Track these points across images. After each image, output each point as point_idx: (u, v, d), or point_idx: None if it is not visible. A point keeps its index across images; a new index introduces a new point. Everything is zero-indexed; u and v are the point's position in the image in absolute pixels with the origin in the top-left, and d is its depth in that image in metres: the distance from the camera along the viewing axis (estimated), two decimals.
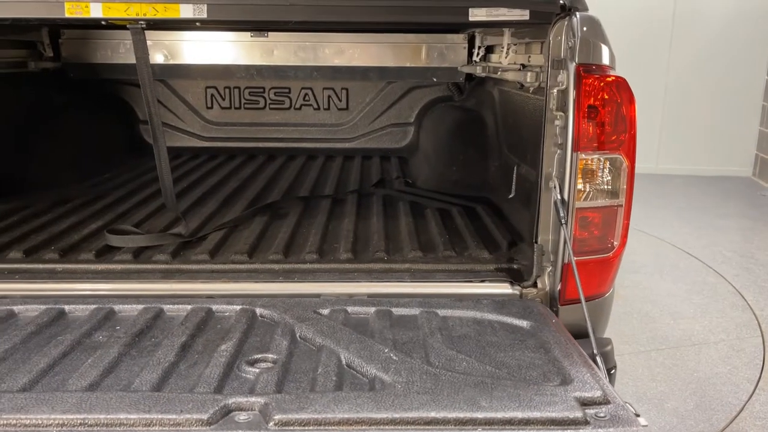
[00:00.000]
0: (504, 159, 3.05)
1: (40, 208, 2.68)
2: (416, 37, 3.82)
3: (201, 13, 1.79)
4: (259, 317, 1.64)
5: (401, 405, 1.17)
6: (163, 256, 2.12)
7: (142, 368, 1.35)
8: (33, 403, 1.17)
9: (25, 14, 1.81)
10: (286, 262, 2.11)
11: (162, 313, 1.65)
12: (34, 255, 2.12)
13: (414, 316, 1.64)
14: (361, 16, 1.79)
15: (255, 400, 1.20)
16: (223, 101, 4.19)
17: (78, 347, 1.45)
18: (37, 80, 3.56)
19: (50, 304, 1.67)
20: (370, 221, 2.59)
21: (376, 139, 4.27)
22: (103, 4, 1.78)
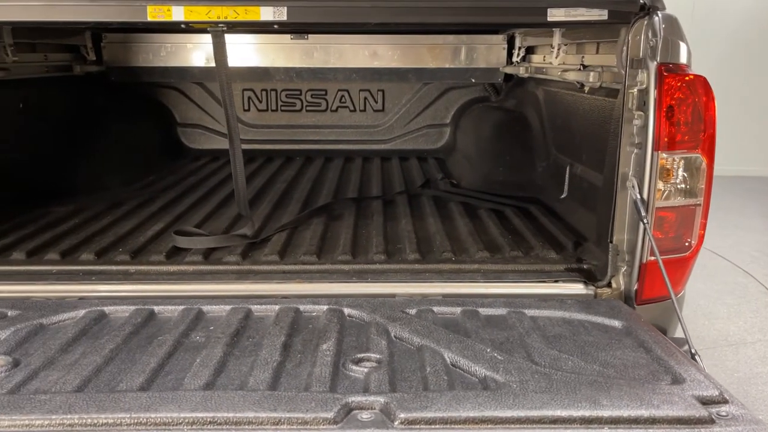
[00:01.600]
0: (552, 159, 3.05)
1: (98, 211, 2.70)
2: (455, 38, 3.83)
3: (281, 16, 1.80)
4: (348, 317, 1.65)
5: (524, 404, 1.17)
6: (233, 257, 2.14)
7: (251, 368, 1.36)
8: (159, 402, 1.18)
9: (108, 18, 1.82)
10: (355, 263, 2.11)
11: (251, 313, 1.66)
12: (106, 257, 2.14)
13: (502, 316, 1.65)
14: (441, 17, 1.80)
15: (374, 399, 1.20)
16: (259, 103, 4.21)
17: (180, 347, 1.46)
18: (82, 84, 3.59)
19: (139, 305, 1.68)
20: (426, 222, 2.59)
21: (411, 140, 4.29)
22: (185, 7, 1.79)
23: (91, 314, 1.63)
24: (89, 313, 1.64)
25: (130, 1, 1.79)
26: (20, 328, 1.54)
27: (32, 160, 2.93)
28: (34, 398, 1.20)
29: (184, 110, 4.19)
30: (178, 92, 4.17)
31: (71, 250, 2.19)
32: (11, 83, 2.83)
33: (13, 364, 1.37)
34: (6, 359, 1.38)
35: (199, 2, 1.78)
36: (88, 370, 1.33)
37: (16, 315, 1.62)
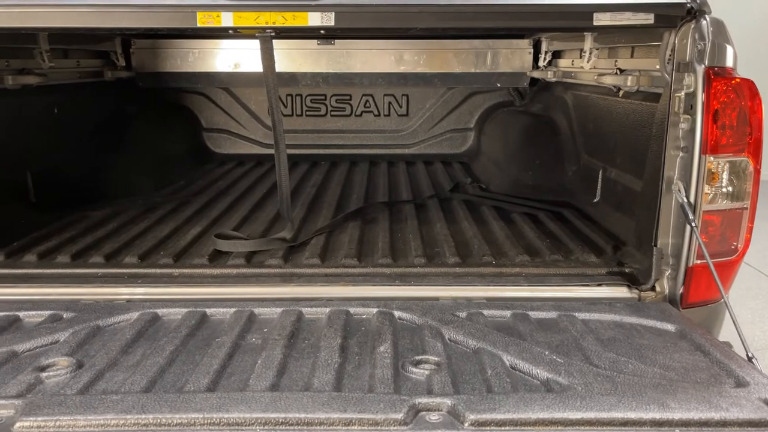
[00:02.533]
0: (583, 163, 3.05)
1: (135, 215, 2.73)
2: (481, 42, 3.85)
3: (329, 21, 1.82)
4: (398, 320, 1.66)
5: (592, 405, 1.18)
6: (275, 260, 2.15)
7: (313, 369, 1.37)
8: (230, 403, 1.19)
9: (159, 24, 1.85)
10: (396, 266, 2.12)
11: (302, 315, 1.67)
12: (149, 260, 2.16)
13: (553, 319, 1.65)
14: (487, 21, 1.81)
15: (441, 401, 1.21)
16: (285, 108, 4.23)
17: (238, 349, 1.48)
18: (112, 89, 3.63)
19: (190, 308, 1.70)
20: (461, 225, 2.60)
21: (435, 145, 4.30)
22: (234, 13, 1.81)
23: (144, 316, 1.65)
24: (143, 315, 1.66)
25: (180, 8, 1.82)
26: (78, 329, 1.56)
27: (67, 165, 2.97)
28: (106, 398, 1.21)
29: (209, 115, 4.22)
30: (203, 97, 4.21)
31: (114, 253, 2.21)
32: (47, 89, 2.87)
33: (77, 365, 1.39)
34: (70, 360, 1.40)
35: (247, 8, 1.81)
36: (152, 371, 1.35)
37: (72, 317, 1.64)
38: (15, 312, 1.67)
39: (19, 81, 2.66)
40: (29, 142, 2.75)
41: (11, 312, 1.67)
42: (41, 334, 1.52)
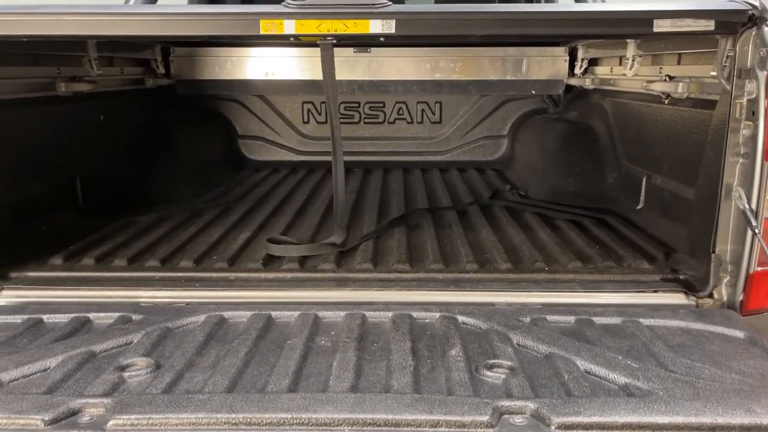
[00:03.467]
0: (624, 170, 3.05)
1: (181, 220, 2.77)
2: (516, 50, 3.86)
3: (389, 29, 1.84)
4: (462, 324, 1.67)
5: (677, 411, 1.18)
6: (328, 265, 2.17)
7: (389, 371, 1.38)
8: (316, 403, 1.21)
9: (223, 31, 1.89)
10: (448, 272, 2.14)
11: (366, 319, 1.69)
12: (204, 264, 2.19)
13: (618, 325, 1.65)
14: (549, 28, 1.83)
15: (524, 404, 1.22)
16: (319, 116, 4.28)
17: (311, 351, 1.49)
18: (152, 96, 3.69)
19: (255, 311, 1.72)
20: (507, 232, 2.61)
21: (468, 152, 4.31)
22: (297, 21, 1.84)
23: (211, 319, 1.67)
24: (209, 317, 1.68)
25: (244, 16, 1.85)
26: (150, 331, 1.58)
27: (111, 171, 3.01)
28: (193, 398, 1.23)
29: (244, 122, 4.27)
30: (239, 105, 4.26)
31: (169, 257, 2.25)
32: (94, 96, 2.92)
33: (155, 365, 1.41)
34: (148, 361, 1.42)
35: (310, 16, 1.83)
36: (231, 372, 1.37)
37: (141, 319, 1.67)
38: (85, 313, 1.70)
39: (71, 88, 2.72)
40: (78, 148, 2.80)
41: (81, 313, 1.70)
42: (115, 335, 1.55)
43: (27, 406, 1.20)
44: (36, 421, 1.16)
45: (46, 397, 1.25)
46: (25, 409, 1.18)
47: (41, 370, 1.39)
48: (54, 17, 1.82)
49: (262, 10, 1.85)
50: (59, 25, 1.83)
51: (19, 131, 2.35)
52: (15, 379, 1.35)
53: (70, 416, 1.20)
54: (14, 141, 2.28)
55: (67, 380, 1.35)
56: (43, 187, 2.54)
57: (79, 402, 1.22)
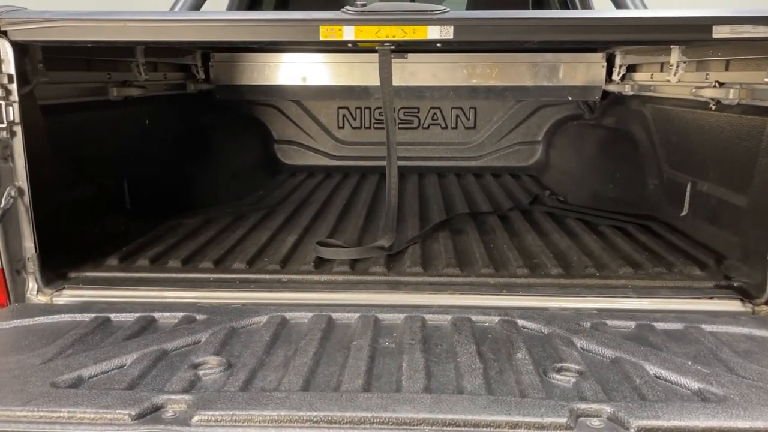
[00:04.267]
0: (666, 176, 3.03)
1: (227, 223, 2.81)
2: (553, 56, 3.86)
3: (447, 35, 1.86)
4: (523, 328, 1.67)
5: (757, 416, 1.18)
6: (379, 268, 2.19)
7: (459, 373, 1.40)
8: (395, 403, 1.23)
9: (283, 38, 1.92)
10: (499, 276, 2.14)
11: (426, 322, 1.70)
12: (256, 266, 2.23)
13: (680, 330, 1.65)
14: (606, 35, 1.83)
15: (600, 407, 1.23)
16: (354, 121, 4.31)
17: (377, 353, 1.51)
18: (193, 101, 3.75)
19: (315, 312, 1.74)
20: (552, 237, 2.61)
21: (503, 158, 4.32)
22: (356, 27, 1.87)
23: (274, 319, 1.70)
24: (272, 318, 1.71)
25: (304, 22, 1.88)
26: (216, 331, 1.61)
27: (155, 174, 3.07)
28: (273, 396, 1.26)
29: (280, 127, 4.32)
30: (275, 110, 4.31)
31: (221, 259, 2.28)
32: (140, 100, 2.98)
33: (227, 364, 1.44)
34: (219, 360, 1.45)
35: (369, 22, 1.86)
36: (304, 371, 1.39)
37: (205, 319, 1.70)
38: (150, 313, 1.74)
39: (122, 93, 2.78)
40: (125, 151, 2.86)
41: (146, 313, 1.74)
42: (183, 335, 1.58)
43: (113, 401, 1.23)
44: (123, 416, 1.19)
45: (129, 393, 1.28)
46: (111, 404, 1.22)
47: (118, 367, 1.42)
48: (122, 24, 1.87)
49: (322, 16, 1.89)
50: (127, 32, 1.88)
51: (74, 135, 2.41)
52: (94, 375, 1.38)
53: (153, 412, 1.23)
54: (71, 144, 2.33)
55: (144, 377, 1.38)
56: (95, 189, 2.60)
57: (161, 398, 1.25)
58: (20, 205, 1.97)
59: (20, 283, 1.98)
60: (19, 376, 1.34)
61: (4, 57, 1.89)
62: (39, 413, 1.20)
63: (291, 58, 3.94)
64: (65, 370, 1.37)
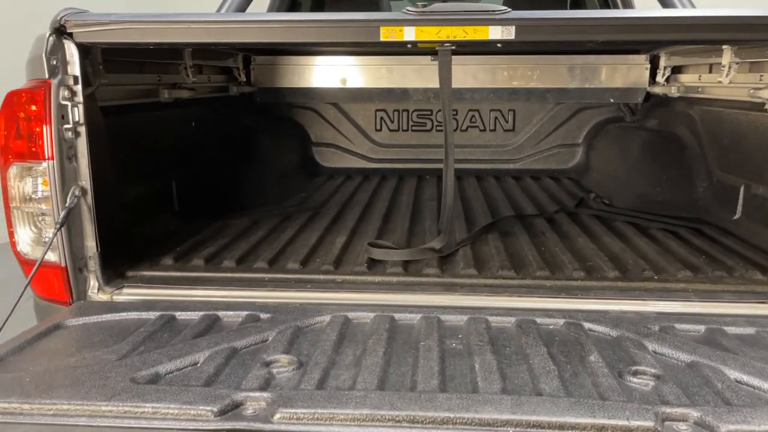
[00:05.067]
0: (716, 179, 2.98)
1: (275, 224, 2.82)
2: (596, 58, 3.82)
3: (509, 35, 1.85)
4: (589, 331, 1.65)
5: None
6: (432, 269, 2.18)
7: (533, 375, 1.38)
8: (475, 404, 1.22)
9: (344, 38, 1.93)
10: (555, 279, 2.12)
11: (490, 323, 1.69)
12: (310, 266, 2.23)
13: (752, 335, 1.62)
14: (675, 34, 1.81)
15: (685, 411, 1.20)
16: (391, 123, 4.32)
17: (446, 353, 1.50)
18: (235, 104, 3.78)
19: (377, 312, 1.74)
20: (603, 240, 2.58)
21: (542, 160, 4.28)
22: (417, 27, 1.87)
23: (337, 319, 1.70)
24: (335, 318, 1.71)
25: (365, 23, 1.89)
26: (282, 329, 1.62)
27: (201, 176, 3.10)
28: (352, 394, 1.26)
29: (318, 130, 4.34)
30: (313, 112, 4.33)
31: (274, 259, 2.30)
32: (187, 102, 3.02)
33: (298, 363, 1.44)
34: (290, 358, 1.46)
35: (430, 23, 1.86)
36: (376, 371, 1.39)
37: (269, 318, 1.71)
38: (213, 311, 1.75)
39: (173, 95, 2.82)
40: (174, 153, 2.90)
41: (210, 311, 1.75)
42: (251, 333, 1.59)
43: (194, 398, 1.24)
44: (206, 412, 1.20)
45: (208, 389, 1.29)
46: (193, 400, 1.23)
47: (191, 364, 1.43)
48: (185, 26, 1.89)
49: (382, 17, 1.90)
50: (191, 33, 1.90)
51: (129, 136, 2.44)
52: (170, 372, 1.39)
53: (234, 408, 1.23)
54: (126, 145, 2.37)
55: (218, 374, 1.39)
56: (147, 190, 2.64)
57: (241, 395, 1.26)
58: (83, 205, 2.00)
59: (82, 282, 2.01)
60: (98, 371, 1.36)
61: (69, 59, 1.92)
62: (124, 408, 1.21)
63: (331, 60, 3.96)
64: (142, 367, 1.38)
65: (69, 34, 1.91)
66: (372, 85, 3.96)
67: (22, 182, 1.98)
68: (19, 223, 2.01)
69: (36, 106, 1.90)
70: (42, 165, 1.92)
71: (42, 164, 1.92)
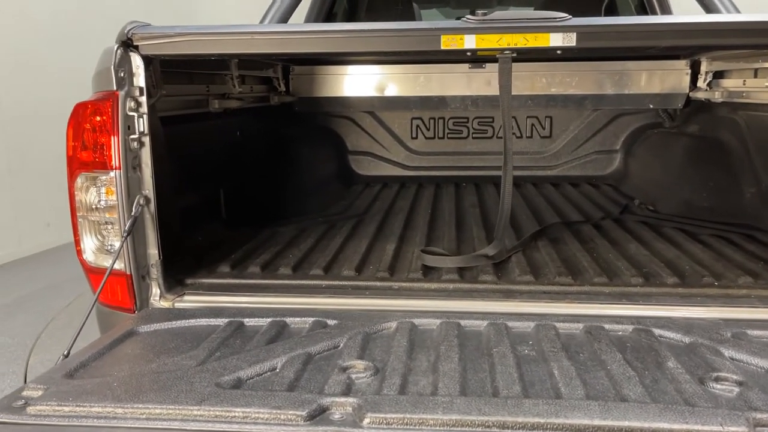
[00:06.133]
0: (765, 185, 2.95)
1: (323, 231, 2.85)
2: (635, 64, 3.80)
3: (570, 42, 1.86)
4: (660, 337, 1.64)
5: None
6: (489, 276, 2.18)
7: (615, 381, 1.38)
8: (564, 410, 1.22)
9: (405, 47, 1.95)
10: (613, 285, 2.11)
11: (557, 329, 1.69)
12: (365, 273, 2.25)
13: None
14: (742, 39, 1.80)
15: None
16: (427, 131, 4.33)
17: (521, 360, 1.50)
18: (275, 113, 3.83)
19: (443, 319, 1.75)
20: (655, 246, 2.56)
21: (579, 167, 4.26)
22: (477, 35, 1.88)
23: (404, 325, 1.71)
24: (401, 324, 1.72)
25: (426, 31, 1.91)
26: (352, 335, 1.63)
27: (245, 184, 3.14)
28: (438, 400, 1.26)
29: (354, 138, 4.37)
30: (349, 121, 4.37)
31: (328, 266, 2.32)
32: (234, 112, 3.06)
33: (374, 368, 1.45)
34: (366, 364, 1.47)
35: (491, 30, 1.87)
36: (455, 376, 1.39)
37: (336, 324, 1.72)
38: (281, 318, 1.77)
39: (223, 105, 2.86)
40: (221, 162, 2.94)
41: (278, 318, 1.77)
42: (322, 339, 1.61)
43: (283, 402, 1.25)
44: (296, 417, 1.22)
45: (293, 394, 1.30)
46: (282, 405, 1.24)
47: (270, 369, 1.45)
48: (249, 36, 1.93)
49: (443, 25, 1.91)
50: (254, 44, 1.93)
51: (183, 145, 2.49)
52: (251, 377, 1.41)
53: (321, 413, 1.24)
54: (181, 154, 2.41)
55: (298, 380, 1.40)
56: (199, 198, 2.68)
57: (327, 400, 1.27)
58: (146, 213, 2.04)
59: (144, 289, 2.05)
60: (182, 377, 1.38)
61: (135, 70, 1.97)
62: (215, 412, 1.23)
63: (368, 69, 3.99)
64: (223, 372, 1.40)
65: (135, 47, 1.95)
66: (410, 93, 3.98)
67: (88, 192, 2.02)
68: (85, 232, 2.05)
69: (104, 117, 1.95)
70: (108, 175, 1.97)
71: (109, 174, 1.96)
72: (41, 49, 6.00)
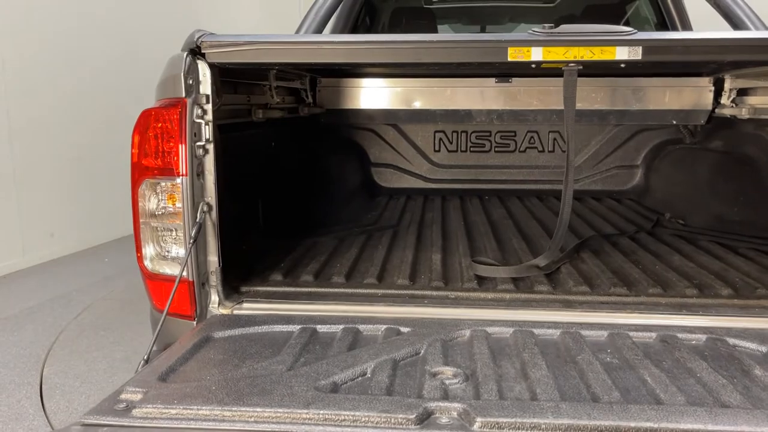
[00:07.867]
0: None
1: (363, 241, 2.85)
2: (659, 80, 3.87)
3: (635, 55, 1.89)
4: (735, 347, 1.66)
5: None
6: (544, 286, 2.20)
7: (709, 388, 1.39)
8: (672, 414, 1.23)
9: (472, 59, 1.97)
10: (668, 296, 2.13)
11: (631, 337, 1.70)
12: (419, 282, 2.26)
13: None
14: None
15: None
16: (450, 145, 4.37)
17: (607, 367, 1.51)
18: (303, 125, 3.85)
19: (515, 327, 1.76)
20: (699, 259, 2.59)
21: (600, 181, 4.31)
22: (544, 48, 1.91)
23: (478, 333, 1.72)
24: (475, 332, 1.73)
25: (494, 43, 1.94)
26: (431, 342, 1.64)
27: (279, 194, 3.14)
28: (543, 405, 1.27)
29: (377, 150, 4.40)
30: (372, 133, 4.39)
31: (380, 275, 2.32)
32: (273, 122, 3.07)
33: (464, 375, 1.45)
34: (455, 370, 1.47)
35: (558, 43, 1.91)
36: (550, 382, 1.40)
37: (411, 331, 1.73)
38: (353, 324, 1.77)
39: (266, 115, 2.88)
40: (260, 171, 2.95)
41: (350, 325, 1.77)
42: (403, 346, 1.61)
43: (389, 406, 1.25)
44: (405, 420, 1.22)
45: (397, 398, 1.30)
46: (390, 409, 1.24)
47: (360, 374, 1.45)
48: (316, 46, 1.95)
49: (510, 38, 1.94)
50: (320, 54, 1.95)
51: (233, 154, 2.49)
52: (345, 382, 1.41)
53: (428, 417, 1.25)
54: (232, 162, 2.41)
55: (393, 384, 1.40)
56: (243, 207, 2.68)
57: (432, 404, 1.27)
58: (208, 221, 2.04)
59: (204, 296, 2.04)
60: (278, 381, 1.37)
61: (202, 78, 1.98)
62: (324, 415, 1.23)
63: (394, 82, 4.03)
64: (318, 377, 1.40)
65: (202, 55, 1.97)
66: (435, 106, 4.02)
67: (152, 199, 2.02)
68: (146, 239, 2.04)
69: (171, 124, 1.95)
70: (174, 181, 1.97)
71: (174, 180, 1.96)
72: (48, 61, 5.98)
